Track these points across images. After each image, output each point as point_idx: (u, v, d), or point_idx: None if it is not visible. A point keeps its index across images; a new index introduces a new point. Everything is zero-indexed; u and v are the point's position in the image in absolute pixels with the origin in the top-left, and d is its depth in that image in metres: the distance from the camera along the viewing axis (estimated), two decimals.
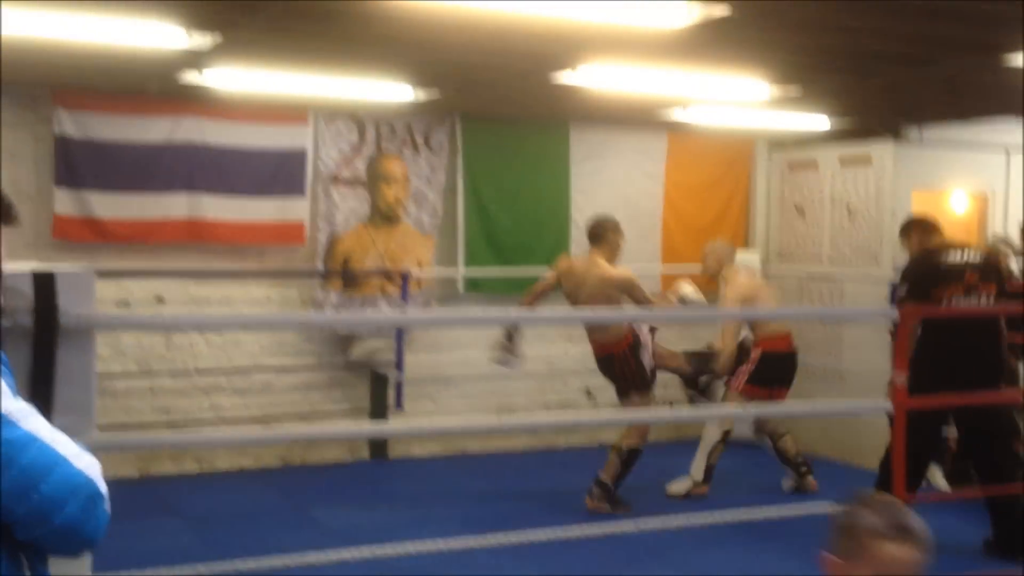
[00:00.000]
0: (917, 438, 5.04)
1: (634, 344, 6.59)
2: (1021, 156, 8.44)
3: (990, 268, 5.76)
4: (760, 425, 7.43)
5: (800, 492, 7.10)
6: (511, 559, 5.07)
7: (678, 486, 7.06)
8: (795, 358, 7.12)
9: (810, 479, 7.18)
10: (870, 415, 6.51)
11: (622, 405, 6.71)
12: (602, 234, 6.60)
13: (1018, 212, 8.49)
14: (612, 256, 6.60)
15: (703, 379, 7.30)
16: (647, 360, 6.61)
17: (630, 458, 6.55)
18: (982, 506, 5.67)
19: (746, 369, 6.97)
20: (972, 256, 5.72)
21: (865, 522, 1.94)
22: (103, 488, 1.82)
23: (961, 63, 5.40)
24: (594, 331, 6.67)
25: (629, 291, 6.43)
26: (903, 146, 8.05)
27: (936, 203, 8.72)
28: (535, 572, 5.15)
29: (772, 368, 6.96)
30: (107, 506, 1.83)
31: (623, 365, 6.58)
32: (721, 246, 7.35)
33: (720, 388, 7.57)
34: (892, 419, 3.82)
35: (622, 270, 6.55)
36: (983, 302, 5.52)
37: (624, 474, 6.54)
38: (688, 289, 6.71)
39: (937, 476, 7.40)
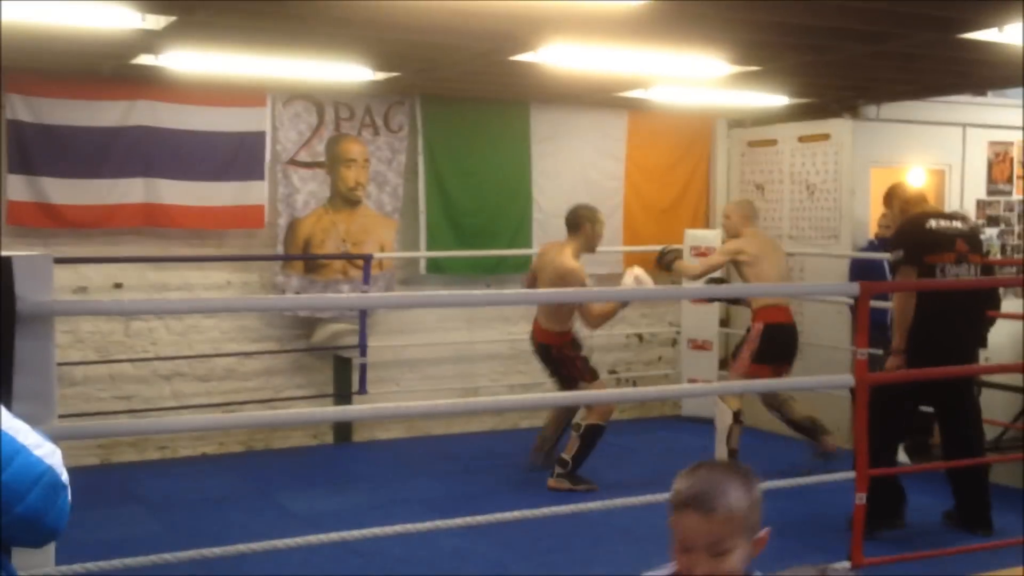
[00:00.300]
0: (895, 412, 5.08)
1: (573, 342, 6.64)
2: (978, 131, 8.55)
3: (976, 238, 5.73)
4: (769, 401, 7.14)
5: (824, 457, 6.79)
6: (476, 540, 5.07)
7: None
8: (796, 330, 6.87)
9: (827, 438, 6.94)
10: (831, 390, 6.55)
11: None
12: (578, 223, 6.50)
13: (974, 187, 8.62)
14: (588, 246, 6.52)
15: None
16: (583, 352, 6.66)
17: (591, 435, 6.50)
18: (942, 479, 5.74)
19: (749, 348, 6.67)
20: (960, 224, 5.67)
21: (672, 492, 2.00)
22: (64, 477, 1.79)
23: (917, 39, 5.44)
24: (541, 316, 6.64)
25: (567, 284, 6.30)
26: (861, 123, 8.11)
27: (894, 179, 8.80)
28: (501, 553, 5.16)
29: (776, 343, 6.65)
30: (68, 495, 1.81)
31: (563, 361, 6.57)
32: (744, 204, 7.17)
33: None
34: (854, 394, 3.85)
35: (571, 263, 6.38)
36: (972, 272, 5.46)
37: (585, 452, 6.49)
38: (639, 272, 6.47)
39: (898, 450, 7.50)
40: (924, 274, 5.35)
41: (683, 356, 8.87)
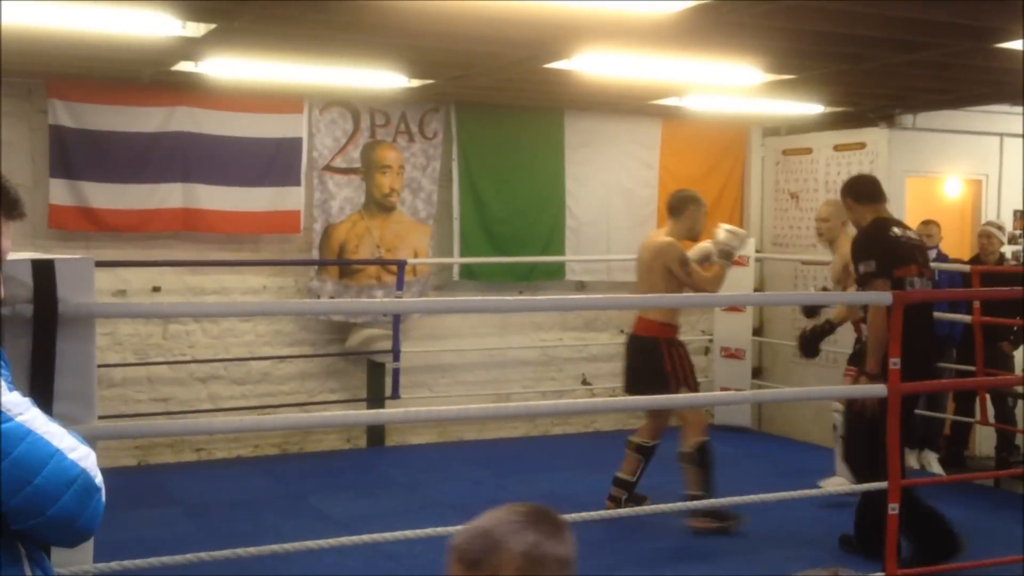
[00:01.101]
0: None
1: (679, 340, 6.10)
2: (1015, 141, 8.47)
3: (924, 249, 5.42)
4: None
5: None
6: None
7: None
8: None
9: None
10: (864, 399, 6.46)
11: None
12: (680, 207, 6.00)
13: (1012, 197, 8.53)
14: (690, 231, 6.03)
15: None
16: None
17: (703, 456, 5.90)
18: (976, 491, 5.68)
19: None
20: (911, 233, 5.35)
21: None
22: (99, 480, 1.83)
23: (952, 48, 5.41)
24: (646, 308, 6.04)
25: (666, 261, 5.79)
26: (897, 132, 8.07)
27: (930, 188, 8.76)
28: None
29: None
30: (102, 498, 1.85)
31: (665, 359, 5.91)
32: (839, 205, 6.19)
33: None
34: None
35: (665, 238, 5.90)
36: (925, 285, 5.10)
37: (707, 476, 5.87)
38: (727, 226, 5.99)
39: (932, 462, 7.46)
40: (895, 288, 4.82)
41: (715, 364, 8.84)
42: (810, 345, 6.38)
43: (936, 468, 7.31)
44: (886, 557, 3.97)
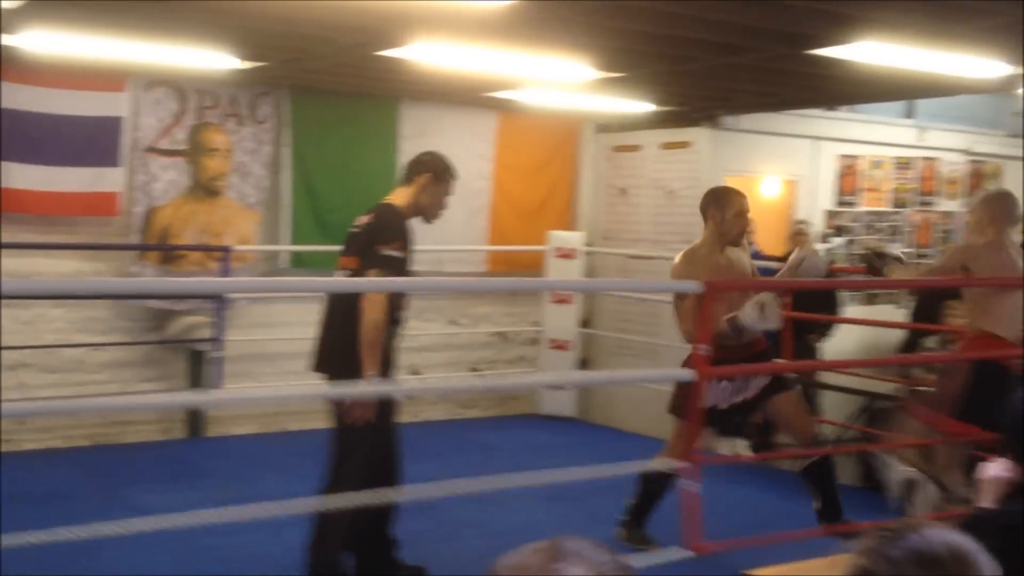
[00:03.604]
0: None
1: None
2: (829, 144, 8.93)
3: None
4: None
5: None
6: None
7: None
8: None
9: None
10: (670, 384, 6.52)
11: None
12: (703, 210, 5.30)
13: (823, 198, 9.00)
14: (721, 237, 5.21)
15: None
16: None
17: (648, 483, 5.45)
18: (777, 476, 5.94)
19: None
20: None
21: None
22: None
23: (770, 53, 5.65)
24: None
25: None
26: (720, 132, 8.36)
27: (750, 187, 9.11)
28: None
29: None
30: None
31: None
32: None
33: None
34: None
35: (675, 264, 5.21)
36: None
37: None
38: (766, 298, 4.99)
39: (743, 450, 7.78)
40: None
41: (543, 356, 8.98)
42: None
43: (747, 453, 7.62)
44: (690, 532, 4.12)
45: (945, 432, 5.15)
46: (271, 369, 7.99)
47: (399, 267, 4.36)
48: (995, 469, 2.69)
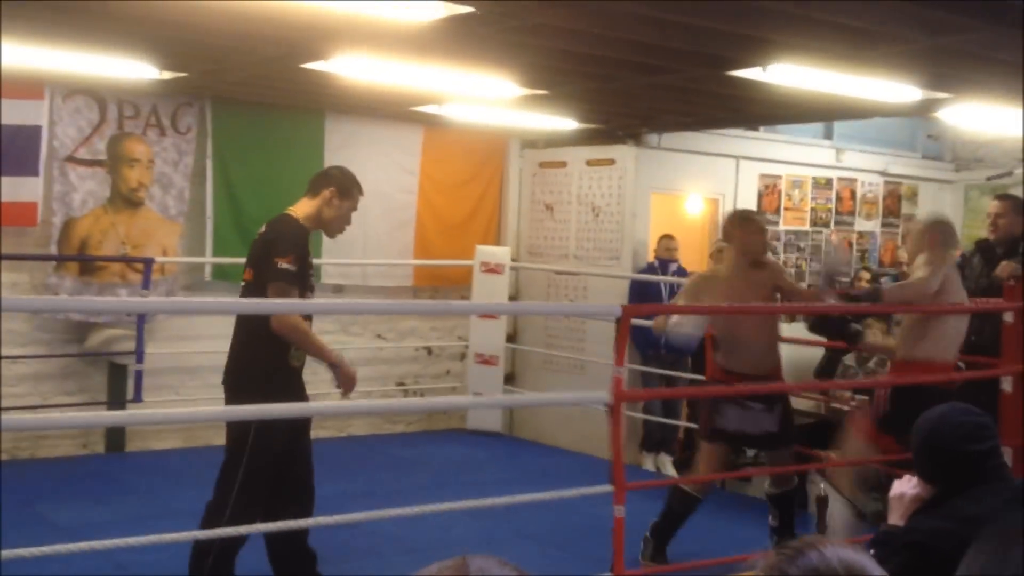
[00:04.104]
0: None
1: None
2: (749, 164, 9.11)
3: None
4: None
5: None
6: (246, 552, 5.00)
7: None
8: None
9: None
10: (592, 406, 6.62)
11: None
12: (726, 230, 5.61)
13: None
14: (746, 256, 5.39)
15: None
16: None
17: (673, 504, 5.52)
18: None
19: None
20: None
21: None
22: None
23: (690, 74, 5.76)
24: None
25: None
26: (644, 150, 8.48)
27: (674, 205, 9.26)
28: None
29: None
30: None
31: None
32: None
33: None
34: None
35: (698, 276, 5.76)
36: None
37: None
38: None
39: (667, 464, 7.88)
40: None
41: (470, 370, 8.99)
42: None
43: (670, 470, 7.72)
44: (615, 557, 4.15)
45: (882, 448, 5.27)
46: (193, 382, 7.88)
47: (292, 280, 4.33)
48: (903, 487, 2.78)
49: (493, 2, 4.26)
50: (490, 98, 6.90)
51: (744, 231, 5.41)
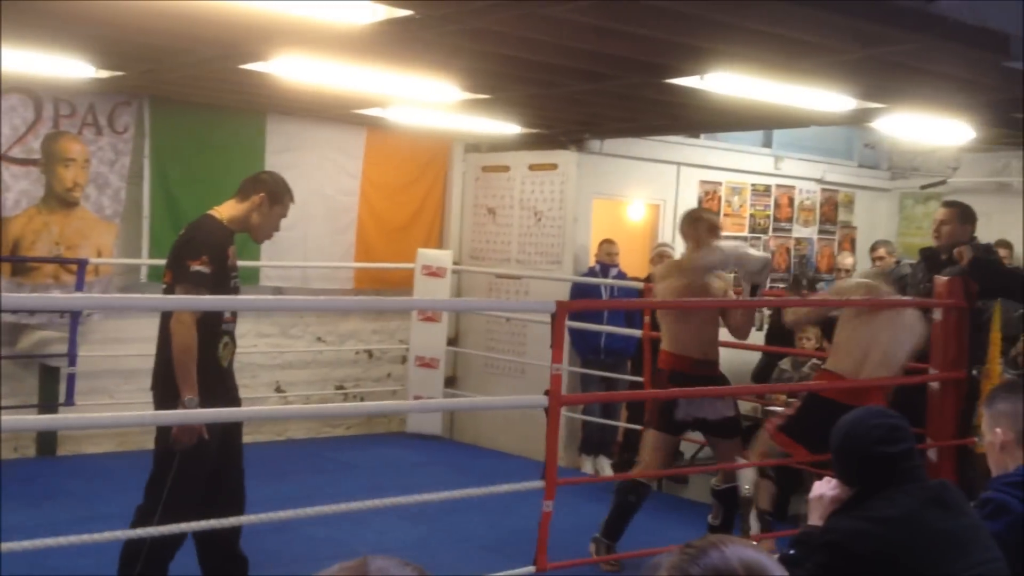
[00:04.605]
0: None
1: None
2: (690, 170, 9.20)
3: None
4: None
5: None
6: (178, 556, 4.96)
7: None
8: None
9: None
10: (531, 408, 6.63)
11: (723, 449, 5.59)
12: (682, 228, 5.71)
13: None
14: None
15: None
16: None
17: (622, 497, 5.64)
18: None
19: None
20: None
21: None
22: None
23: (630, 81, 5.80)
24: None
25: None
26: (586, 156, 8.53)
27: (616, 210, 9.32)
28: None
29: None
30: None
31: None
32: None
33: None
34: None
35: (665, 267, 5.77)
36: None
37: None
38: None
39: (606, 466, 7.93)
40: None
41: (411, 373, 8.97)
42: None
43: (608, 473, 7.77)
44: (538, 551, 4.18)
45: (787, 451, 5.38)
46: (128, 385, 7.76)
47: (205, 282, 4.24)
48: (823, 488, 2.83)
49: (432, 3, 4.26)
50: (432, 101, 6.89)
51: (698, 229, 5.54)
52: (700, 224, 5.56)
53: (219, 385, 4.38)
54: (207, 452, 4.31)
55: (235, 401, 4.58)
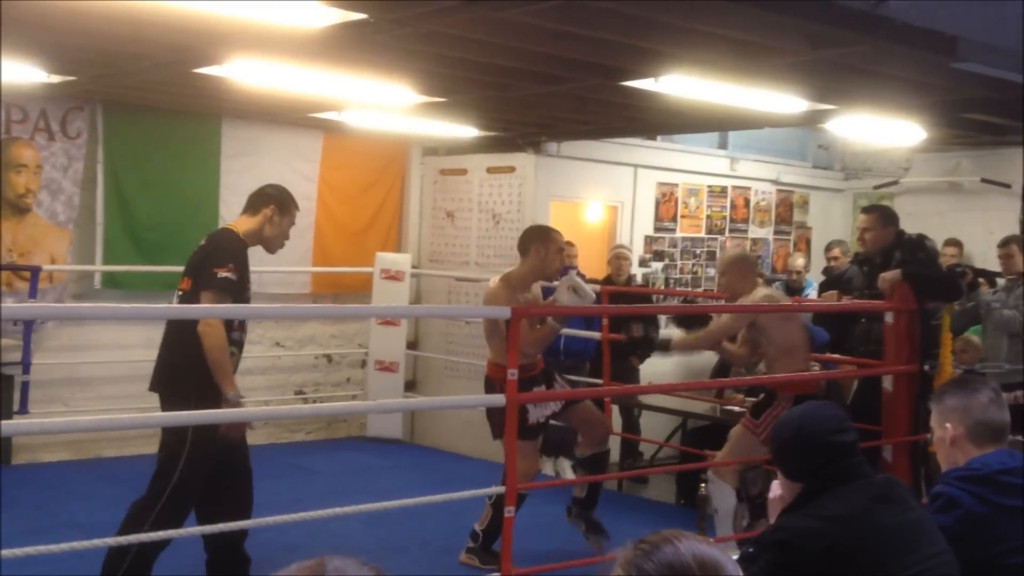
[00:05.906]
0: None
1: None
2: (647, 172, 9.26)
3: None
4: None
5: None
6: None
7: None
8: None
9: None
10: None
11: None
12: (524, 246, 5.48)
13: (643, 223, 9.31)
14: (540, 271, 5.45)
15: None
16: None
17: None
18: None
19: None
20: None
21: None
22: None
23: (585, 84, 5.83)
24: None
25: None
26: (543, 158, 8.55)
27: (574, 213, 9.36)
28: (168, 573, 5.01)
29: None
30: None
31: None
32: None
33: None
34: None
35: (496, 282, 5.45)
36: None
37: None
38: (575, 279, 5.28)
39: (566, 468, 7.95)
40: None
41: (370, 378, 8.95)
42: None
43: (569, 474, 7.78)
44: (502, 557, 4.19)
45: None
46: (84, 393, 7.70)
47: (232, 289, 4.40)
48: (778, 487, 2.86)
49: (386, 6, 4.26)
50: (388, 105, 6.88)
51: (548, 248, 5.37)
52: (553, 242, 5.39)
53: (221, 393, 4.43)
54: (211, 453, 4.42)
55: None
